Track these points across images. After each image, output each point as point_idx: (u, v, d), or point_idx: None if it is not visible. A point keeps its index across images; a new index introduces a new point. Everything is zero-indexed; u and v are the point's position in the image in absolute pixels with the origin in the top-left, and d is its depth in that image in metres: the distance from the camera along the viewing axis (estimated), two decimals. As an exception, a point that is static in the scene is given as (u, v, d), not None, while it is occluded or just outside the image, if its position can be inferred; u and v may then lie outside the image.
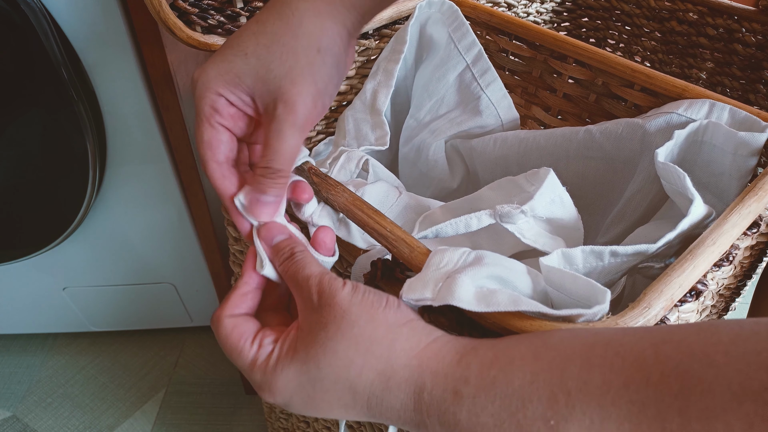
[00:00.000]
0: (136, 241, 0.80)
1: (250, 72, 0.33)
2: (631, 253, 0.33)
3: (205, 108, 0.34)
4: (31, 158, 0.66)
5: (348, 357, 0.28)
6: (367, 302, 0.29)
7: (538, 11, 0.83)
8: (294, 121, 0.33)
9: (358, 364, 0.28)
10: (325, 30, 0.34)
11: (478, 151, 0.55)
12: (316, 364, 0.28)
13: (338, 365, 0.28)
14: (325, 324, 0.29)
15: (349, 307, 0.29)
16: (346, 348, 0.28)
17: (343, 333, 0.28)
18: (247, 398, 0.94)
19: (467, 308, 0.28)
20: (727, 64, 0.74)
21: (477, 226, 0.37)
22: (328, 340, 0.28)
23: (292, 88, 0.33)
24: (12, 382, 0.98)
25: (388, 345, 0.28)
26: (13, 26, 0.53)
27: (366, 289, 0.30)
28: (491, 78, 0.55)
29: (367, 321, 0.28)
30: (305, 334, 0.29)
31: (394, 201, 0.43)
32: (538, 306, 0.28)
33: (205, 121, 0.34)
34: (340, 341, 0.28)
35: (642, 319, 0.28)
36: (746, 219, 0.35)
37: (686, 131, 0.42)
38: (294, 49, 0.33)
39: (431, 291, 0.30)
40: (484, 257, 0.31)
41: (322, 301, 0.29)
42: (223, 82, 0.34)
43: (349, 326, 0.28)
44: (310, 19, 0.34)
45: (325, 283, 0.30)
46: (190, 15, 0.46)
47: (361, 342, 0.28)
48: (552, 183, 0.39)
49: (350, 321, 0.28)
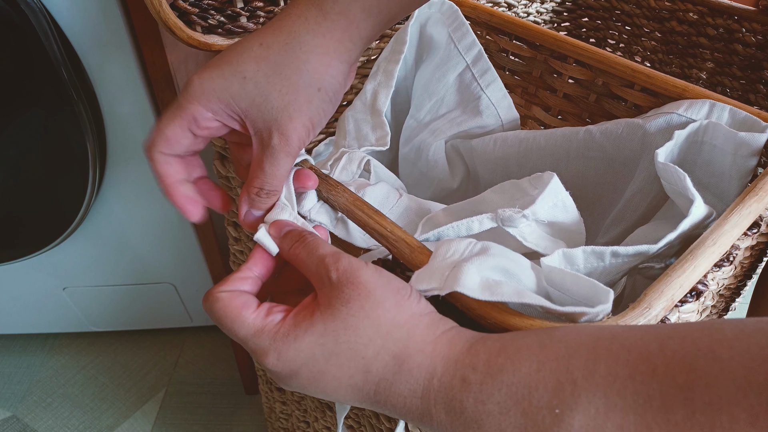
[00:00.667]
0: (136, 241, 0.80)
1: (246, 97, 0.33)
2: (632, 253, 0.33)
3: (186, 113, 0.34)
4: (31, 158, 0.66)
5: (368, 336, 0.28)
6: (393, 287, 0.29)
7: (538, 11, 0.83)
8: (288, 150, 0.34)
9: (376, 344, 0.28)
10: (330, 69, 0.34)
11: (479, 152, 0.55)
12: (335, 338, 0.28)
13: (357, 342, 0.28)
14: (347, 300, 0.28)
15: (375, 288, 0.29)
16: (368, 326, 0.28)
17: (366, 312, 0.28)
18: (247, 398, 0.94)
19: (472, 296, 0.29)
20: (727, 64, 0.74)
21: (479, 230, 0.37)
22: (350, 316, 0.28)
23: (288, 123, 0.33)
24: (12, 382, 0.98)
25: (409, 330, 0.28)
26: (13, 26, 0.53)
27: (390, 274, 0.30)
28: (491, 78, 0.55)
29: (393, 305, 0.28)
30: (324, 308, 0.29)
31: (395, 203, 0.43)
32: (542, 300, 0.28)
33: (178, 120, 0.34)
34: (363, 319, 0.28)
35: (642, 319, 0.28)
36: (746, 219, 0.35)
37: (686, 131, 0.42)
38: (296, 86, 0.33)
39: (438, 281, 0.30)
40: (490, 248, 0.31)
41: (342, 278, 0.29)
42: (216, 100, 0.33)
43: (374, 306, 0.28)
44: (317, 57, 0.34)
45: (345, 260, 0.30)
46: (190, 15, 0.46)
47: (384, 324, 0.28)
48: (555, 187, 0.39)
49: (375, 301, 0.28)
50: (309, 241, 0.32)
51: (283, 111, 0.33)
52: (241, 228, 0.52)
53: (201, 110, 0.34)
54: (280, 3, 0.50)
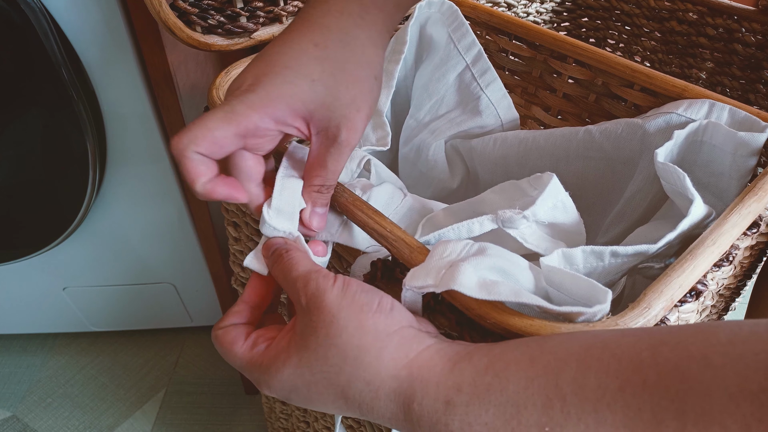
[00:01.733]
0: (136, 241, 0.80)
1: (316, 99, 0.33)
2: (632, 253, 0.33)
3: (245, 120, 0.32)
4: (31, 158, 0.66)
5: (337, 365, 0.28)
6: (357, 305, 0.28)
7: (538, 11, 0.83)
8: (353, 143, 0.35)
9: (346, 372, 0.27)
10: (378, 58, 0.36)
11: (478, 151, 0.55)
12: (310, 369, 0.28)
13: (329, 371, 0.28)
14: (315, 328, 0.28)
15: (338, 312, 0.28)
16: (335, 356, 0.28)
17: (332, 340, 0.28)
18: (247, 398, 0.94)
19: (469, 294, 0.28)
20: (727, 64, 0.74)
21: (479, 231, 0.37)
22: (318, 346, 0.28)
23: (357, 115, 0.34)
24: (12, 382, 0.98)
25: (376, 354, 0.27)
26: (13, 26, 0.53)
27: (358, 287, 0.29)
28: (491, 78, 0.55)
29: (356, 328, 0.28)
30: (299, 337, 0.29)
31: (399, 203, 0.43)
32: (539, 300, 0.28)
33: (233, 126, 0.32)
34: (329, 348, 0.28)
35: (642, 319, 0.28)
36: (746, 219, 0.35)
37: (686, 131, 0.42)
38: (359, 79, 0.34)
39: (434, 278, 0.30)
40: (487, 248, 0.31)
41: (310, 304, 0.29)
42: (284, 106, 0.32)
43: (338, 333, 0.28)
44: (369, 48, 0.35)
45: (312, 283, 0.30)
46: (190, 15, 0.46)
47: (350, 350, 0.27)
48: (555, 188, 0.39)
49: (339, 327, 0.28)
50: (284, 262, 0.32)
51: (351, 105, 0.34)
52: (241, 228, 0.52)
53: (265, 119, 0.32)
54: (279, 3, 0.50)
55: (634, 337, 0.24)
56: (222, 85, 0.46)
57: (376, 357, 0.27)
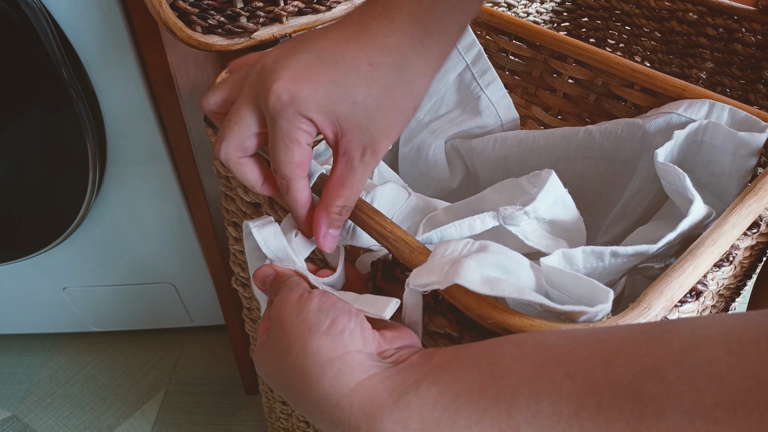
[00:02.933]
0: (136, 241, 0.80)
1: (352, 119, 0.32)
2: (632, 253, 0.33)
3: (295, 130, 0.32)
4: (32, 158, 0.66)
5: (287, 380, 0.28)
6: (306, 324, 0.28)
7: (538, 11, 0.83)
8: (375, 165, 0.34)
9: (294, 389, 0.27)
10: (426, 87, 0.34)
11: (478, 151, 0.55)
12: (273, 375, 0.29)
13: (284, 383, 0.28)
14: (273, 341, 0.29)
15: (289, 328, 0.28)
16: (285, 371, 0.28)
17: (281, 356, 0.28)
18: (247, 398, 0.94)
19: (472, 288, 0.28)
20: (727, 64, 0.74)
21: (481, 229, 0.37)
22: (273, 354, 0.29)
23: (384, 141, 0.33)
24: (12, 382, 0.98)
25: (317, 378, 0.26)
26: (13, 26, 0.53)
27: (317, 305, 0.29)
28: (491, 78, 0.55)
29: (300, 348, 0.27)
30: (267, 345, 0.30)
31: (404, 202, 0.43)
32: (542, 299, 0.28)
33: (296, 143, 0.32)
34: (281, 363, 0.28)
35: (642, 319, 0.28)
36: (746, 219, 0.35)
37: (686, 131, 0.42)
38: (400, 107, 0.33)
39: (437, 275, 0.29)
40: (488, 246, 0.31)
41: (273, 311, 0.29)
42: (320, 113, 0.31)
43: (286, 350, 0.28)
44: (422, 78, 0.33)
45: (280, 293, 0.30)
46: (190, 15, 0.46)
47: (296, 370, 0.27)
48: (554, 184, 0.39)
49: (288, 344, 0.28)
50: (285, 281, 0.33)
51: (383, 131, 0.33)
52: (241, 228, 0.52)
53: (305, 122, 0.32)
54: (279, 3, 0.50)
55: (587, 349, 0.23)
56: (222, 85, 0.46)
57: (316, 381, 0.26)
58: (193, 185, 0.67)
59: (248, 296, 0.61)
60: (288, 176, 0.33)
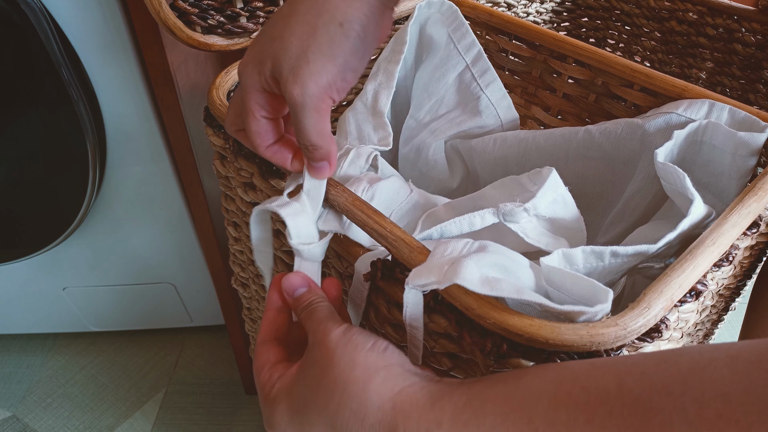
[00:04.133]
0: (136, 241, 0.80)
1: (272, 55, 0.33)
2: (632, 253, 0.33)
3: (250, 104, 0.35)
4: (32, 158, 0.66)
5: (327, 394, 0.29)
6: (352, 344, 0.30)
7: (538, 11, 0.83)
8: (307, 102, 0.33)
9: (335, 400, 0.29)
10: (352, 2, 0.33)
11: (478, 151, 0.55)
12: (303, 399, 0.30)
13: (319, 401, 0.29)
14: (314, 361, 0.30)
15: (335, 348, 0.30)
16: (326, 385, 0.29)
17: (325, 372, 0.29)
18: (247, 398, 0.94)
19: (471, 288, 0.29)
20: (726, 64, 0.74)
21: (481, 225, 0.37)
22: (313, 377, 0.30)
23: (305, 68, 0.32)
24: (12, 382, 0.98)
25: (363, 385, 0.29)
26: (13, 26, 0.53)
27: (358, 331, 0.31)
28: (491, 78, 0.55)
29: (347, 362, 0.29)
30: (302, 370, 0.31)
31: (405, 199, 0.44)
32: (541, 298, 0.28)
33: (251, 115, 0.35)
34: (322, 379, 0.29)
35: (642, 319, 0.28)
36: (746, 219, 0.35)
37: (686, 131, 0.42)
38: (314, 27, 0.32)
39: (437, 275, 0.30)
40: (487, 246, 0.32)
41: (315, 341, 0.31)
42: (256, 73, 0.34)
43: (332, 366, 0.29)
44: None
45: (322, 325, 0.32)
46: (190, 15, 0.46)
47: (339, 382, 0.29)
48: (554, 182, 0.39)
49: (333, 361, 0.30)
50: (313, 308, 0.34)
51: (301, 57, 0.32)
52: (241, 228, 0.52)
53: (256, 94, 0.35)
54: (279, 3, 0.50)
55: (602, 369, 0.25)
56: (222, 85, 0.46)
57: (362, 388, 0.28)
58: (193, 185, 0.67)
59: (248, 296, 0.61)
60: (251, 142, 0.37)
